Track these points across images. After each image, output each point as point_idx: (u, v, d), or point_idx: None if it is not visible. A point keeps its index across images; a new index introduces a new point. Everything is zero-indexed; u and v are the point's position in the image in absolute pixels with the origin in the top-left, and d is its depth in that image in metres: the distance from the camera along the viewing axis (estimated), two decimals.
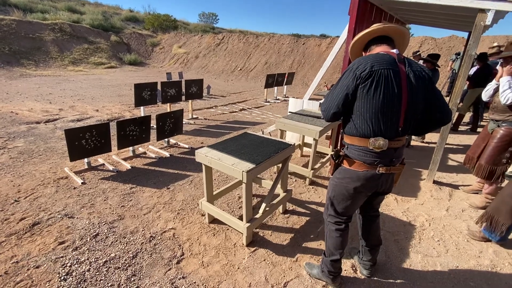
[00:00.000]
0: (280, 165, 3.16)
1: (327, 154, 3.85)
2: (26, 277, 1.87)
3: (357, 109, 1.44)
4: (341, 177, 1.59)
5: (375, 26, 1.52)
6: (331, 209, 1.72)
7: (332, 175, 1.68)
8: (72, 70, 12.76)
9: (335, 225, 1.72)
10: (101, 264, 2.01)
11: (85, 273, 1.93)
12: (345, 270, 2.03)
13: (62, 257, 2.06)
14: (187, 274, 1.96)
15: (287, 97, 9.07)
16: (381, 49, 1.49)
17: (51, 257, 2.06)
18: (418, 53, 7.12)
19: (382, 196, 1.76)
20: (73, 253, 2.11)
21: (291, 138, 4.27)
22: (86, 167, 3.48)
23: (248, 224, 2.17)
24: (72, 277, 1.89)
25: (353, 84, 1.40)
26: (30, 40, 13.05)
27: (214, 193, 2.58)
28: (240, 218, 2.29)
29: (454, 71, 7.88)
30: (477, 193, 3.18)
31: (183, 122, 4.82)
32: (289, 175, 3.45)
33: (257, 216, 2.28)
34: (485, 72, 5.17)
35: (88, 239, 2.26)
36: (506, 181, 2.52)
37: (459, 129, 5.87)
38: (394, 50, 1.46)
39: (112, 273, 1.94)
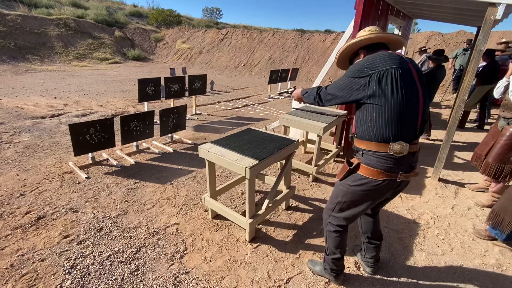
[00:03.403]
0: (283, 161, 3.15)
1: (331, 151, 3.82)
2: (31, 270, 1.90)
3: (374, 111, 1.33)
4: (357, 184, 1.46)
5: (379, 33, 1.47)
6: (337, 213, 1.64)
7: (341, 180, 1.56)
8: (77, 65, 12.81)
9: (336, 227, 1.67)
10: (105, 258, 2.02)
11: (89, 266, 1.95)
12: (348, 267, 2.02)
13: (66, 250, 2.08)
14: (190, 269, 1.96)
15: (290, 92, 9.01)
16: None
17: (56, 250, 2.08)
18: (424, 49, 7.00)
19: (390, 198, 1.68)
20: (78, 247, 2.13)
21: (294, 134, 4.25)
22: (90, 162, 3.50)
23: (251, 220, 2.16)
24: (76, 271, 1.91)
25: (358, 85, 1.35)
26: (35, 36, 13.10)
27: (217, 188, 2.57)
28: (243, 214, 2.29)
29: (461, 67, 7.71)
30: (483, 191, 3.14)
31: (187, 118, 4.82)
32: (292, 172, 3.43)
33: (260, 212, 2.27)
34: (492, 68, 5.07)
35: (92, 233, 2.28)
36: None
37: (465, 126, 5.78)
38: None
39: (116, 267, 1.95)
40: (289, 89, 2.07)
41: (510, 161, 2.59)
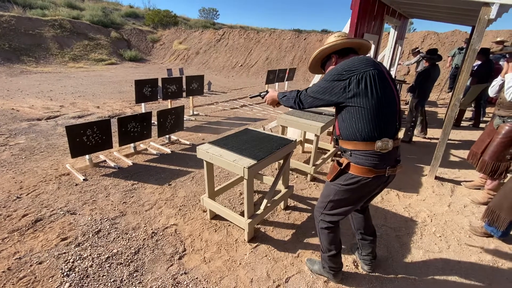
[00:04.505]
0: (281, 161, 3.16)
1: (329, 150, 3.84)
2: (29, 273, 1.89)
3: (357, 112, 1.39)
4: (349, 183, 1.50)
5: (351, 38, 1.57)
6: (328, 211, 1.67)
7: (331, 181, 1.58)
8: (73, 66, 12.73)
9: (327, 224, 1.70)
10: (104, 260, 2.02)
11: (87, 269, 1.94)
12: (346, 265, 2.03)
13: (64, 253, 2.08)
14: (189, 270, 1.97)
15: None
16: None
17: (53, 253, 2.07)
18: (417, 50, 7.02)
19: (376, 193, 1.73)
20: (76, 249, 2.12)
21: (292, 134, 4.26)
22: (88, 163, 3.48)
23: (249, 220, 2.17)
24: (75, 273, 1.90)
25: (338, 88, 1.40)
26: (30, 37, 13.00)
27: (216, 189, 2.58)
28: (242, 214, 2.29)
29: (456, 66, 7.79)
30: (479, 189, 3.17)
31: (184, 119, 4.81)
32: (290, 171, 3.44)
33: (259, 212, 2.28)
34: (487, 67, 5.12)
35: (91, 235, 2.27)
36: (508, 177, 2.51)
37: (461, 124, 5.83)
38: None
39: (115, 269, 1.95)
40: (261, 93, 2.07)
41: (506, 158, 2.63)
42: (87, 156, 3.45)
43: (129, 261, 2.02)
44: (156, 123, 3.98)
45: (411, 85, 4.44)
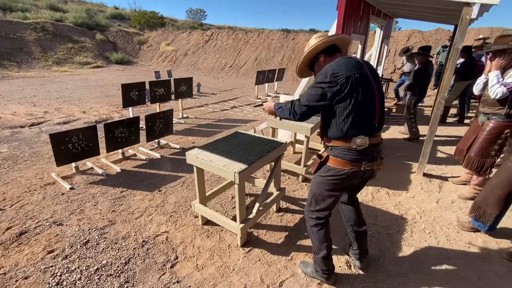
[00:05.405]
0: (272, 163, 3.15)
1: (320, 151, 3.86)
2: None
3: (341, 113, 1.50)
4: (327, 174, 1.64)
5: (331, 36, 1.64)
6: (313, 205, 1.76)
7: (314, 173, 1.72)
8: (57, 70, 12.39)
9: (316, 220, 1.76)
10: (93, 272, 1.96)
11: (76, 282, 1.88)
12: (339, 266, 2.04)
13: (51, 266, 2.01)
14: (182, 278, 1.93)
15: (279, 93, 9.05)
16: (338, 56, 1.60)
17: (40, 267, 2.00)
18: (409, 51, 6.83)
19: (360, 187, 1.85)
20: (63, 261, 2.05)
21: (283, 135, 4.26)
22: (74, 171, 3.39)
23: (242, 225, 2.15)
24: (62, 287, 1.84)
25: (331, 92, 1.46)
26: (11, 41, 12.58)
27: (207, 194, 2.55)
28: (234, 218, 2.27)
29: (440, 63, 7.98)
30: (466, 184, 3.25)
31: (174, 122, 4.74)
32: (282, 173, 3.44)
33: (251, 216, 2.26)
34: (470, 65, 5.26)
35: (78, 246, 2.21)
36: (493, 172, 2.58)
37: (447, 121, 5.98)
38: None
39: (104, 281, 1.89)
40: (263, 102, 2.04)
41: (491, 155, 2.69)
42: (73, 164, 3.36)
43: (119, 272, 1.97)
44: (144, 127, 3.91)
45: (410, 84, 4.49)
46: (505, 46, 2.42)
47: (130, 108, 5.20)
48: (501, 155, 2.80)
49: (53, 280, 1.89)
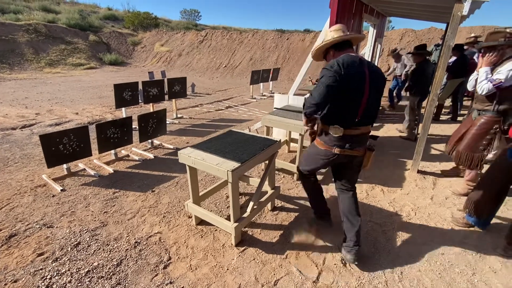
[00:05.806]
0: (267, 162, 3.14)
1: None
2: None
3: (333, 107, 1.79)
4: (311, 150, 2.10)
5: (345, 35, 1.83)
6: (301, 166, 2.21)
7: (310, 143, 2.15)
8: (49, 72, 12.24)
9: (305, 178, 2.27)
10: (83, 275, 1.92)
11: (66, 285, 1.84)
12: (334, 264, 2.03)
13: (41, 269, 1.96)
14: (175, 279, 1.90)
15: (273, 93, 9.05)
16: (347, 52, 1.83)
17: (29, 270, 1.95)
18: (397, 51, 6.73)
19: (349, 172, 2.06)
20: (53, 264, 2.01)
21: (277, 134, 4.25)
22: (66, 173, 3.33)
23: (236, 224, 2.13)
24: None
25: (335, 84, 1.67)
26: (3, 43, 12.41)
27: (201, 193, 2.52)
28: (228, 218, 2.25)
29: (434, 62, 8.04)
30: (458, 175, 3.30)
31: (167, 122, 4.71)
32: (276, 172, 3.43)
33: (245, 215, 2.24)
34: (462, 62, 5.30)
35: (69, 248, 2.16)
36: (485, 168, 2.59)
37: (440, 118, 6.02)
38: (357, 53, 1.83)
39: (95, 283, 1.86)
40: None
41: (479, 150, 2.70)
42: (64, 165, 3.31)
43: (111, 274, 1.94)
44: (137, 127, 3.87)
45: (408, 84, 4.50)
46: (496, 43, 2.43)
47: (123, 108, 5.15)
48: (494, 151, 2.81)
49: (42, 283, 1.84)
